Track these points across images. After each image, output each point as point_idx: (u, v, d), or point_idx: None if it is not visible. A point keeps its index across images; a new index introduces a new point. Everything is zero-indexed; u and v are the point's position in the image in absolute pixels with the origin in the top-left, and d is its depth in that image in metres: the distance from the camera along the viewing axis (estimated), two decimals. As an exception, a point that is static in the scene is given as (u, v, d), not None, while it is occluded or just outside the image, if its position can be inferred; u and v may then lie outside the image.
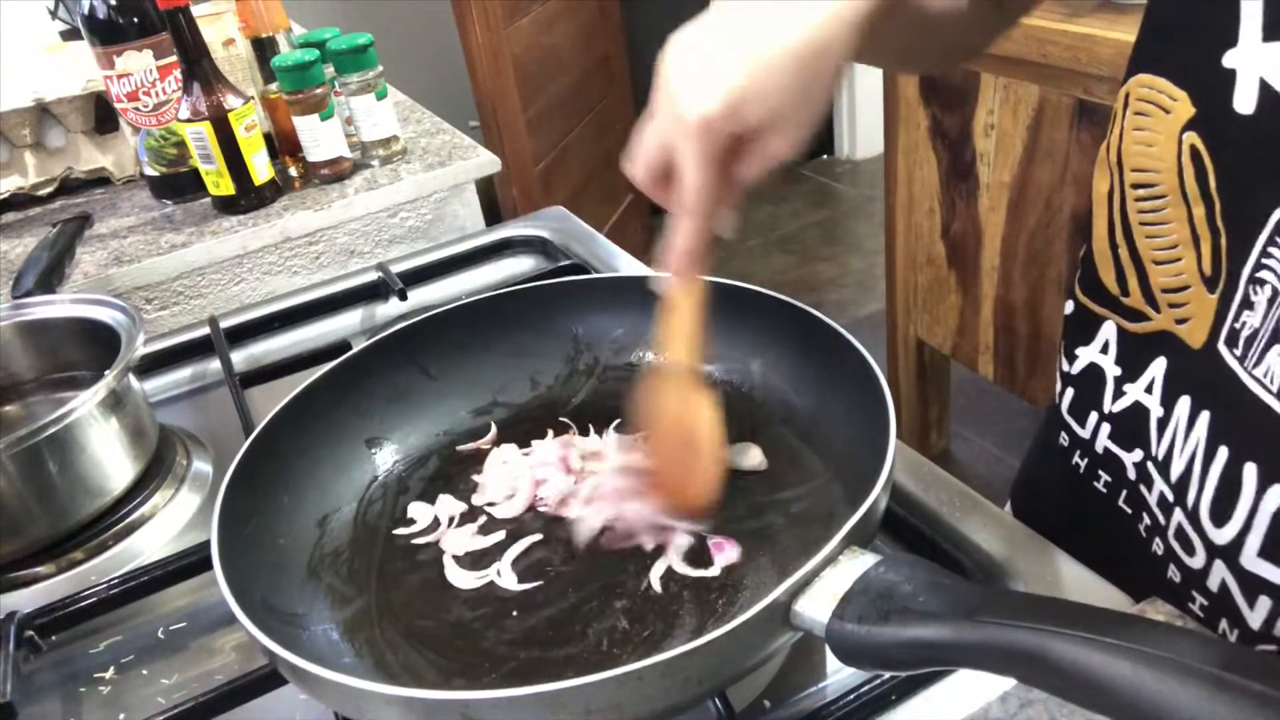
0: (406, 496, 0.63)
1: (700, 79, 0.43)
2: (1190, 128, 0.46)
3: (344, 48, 1.10)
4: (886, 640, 0.37)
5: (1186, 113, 0.46)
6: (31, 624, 0.60)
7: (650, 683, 0.39)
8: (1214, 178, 0.45)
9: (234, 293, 1.12)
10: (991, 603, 0.36)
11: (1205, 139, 0.45)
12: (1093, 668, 0.31)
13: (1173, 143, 0.47)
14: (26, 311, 0.81)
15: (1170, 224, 0.49)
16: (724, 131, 0.43)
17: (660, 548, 0.55)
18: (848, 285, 2.85)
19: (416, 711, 0.41)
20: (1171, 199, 0.48)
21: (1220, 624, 0.50)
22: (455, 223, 1.21)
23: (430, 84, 2.22)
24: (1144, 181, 0.50)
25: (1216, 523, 0.48)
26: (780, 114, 0.43)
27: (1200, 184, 0.46)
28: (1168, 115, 0.47)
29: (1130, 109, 0.50)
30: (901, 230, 1.89)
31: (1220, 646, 0.30)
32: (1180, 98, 0.46)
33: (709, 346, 0.53)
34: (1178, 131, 0.47)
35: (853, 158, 3.58)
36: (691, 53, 0.44)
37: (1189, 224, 0.47)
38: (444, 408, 0.68)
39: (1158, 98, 0.48)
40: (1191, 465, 0.49)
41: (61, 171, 1.26)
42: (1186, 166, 0.47)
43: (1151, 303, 0.51)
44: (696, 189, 0.45)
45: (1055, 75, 1.41)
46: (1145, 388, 0.53)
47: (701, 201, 0.45)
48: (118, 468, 0.71)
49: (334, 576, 0.57)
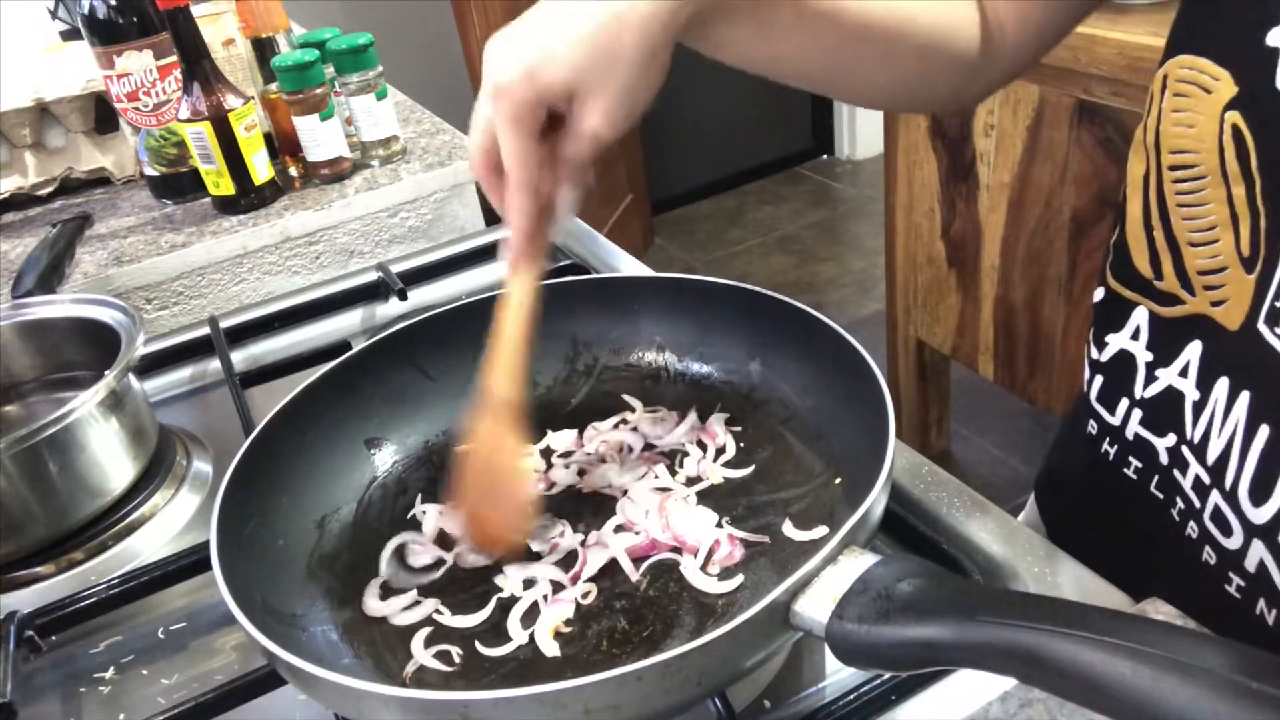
0: (405, 497, 0.63)
1: (503, 53, 0.45)
2: (1232, 107, 0.46)
3: (344, 48, 1.10)
4: (886, 640, 0.37)
5: (1229, 92, 0.46)
6: (31, 624, 0.60)
7: (649, 683, 0.39)
8: (1255, 156, 0.46)
9: (234, 293, 1.12)
10: (991, 602, 0.36)
11: (1247, 118, 0.46)
12: (1092, 667, 0.31)
13: (1214, 122, 0.47)
14: (26, 311, 0.81)
15: (1209, 205, 0.49)
16: (527, 97, 0.44)
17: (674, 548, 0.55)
18: (848, 285, 2.85)
19: (415, 712, 0.41)
20: (1211, 179, 0.48)
21: (1259, 604, 0.50)
22: (455, 223, 1.21)
23: (430, 84, 2.22)
24: (1183, 163, 0.50)
25: (1256, 502, 0.48)
26: (581, 79, 0.44)
27: (1241, 163, 0.46)
28: (1209, 95, 0.47)
29: (1169, 90, 0.50)
30: (901, 230, 1.89)
31: (1219, 646, 0.30)
32: (1223, 77, 0.47)
33: (688, 345, 0.52)
34: (1219, 111, 0.47)
35: (853, 158, 3.58)
36: (502, 37, 0.46)
37: (1228, 204, 0.48)
38: (443, 408, 0.68)
39: (1199, 78, 0.48)
40: (1230, 446, 0.49)
41: (61, 171, 1.26)
42: (1228, 146, 0.47)
43: (1186, 286, 0.51)
44: (513, 156, 0.46)
45: (1055, 75, 1.41)
46: (1180, 371, 0.53)
47: (522, 169, 0.46)
48: (118, 468, 0.71)
49: (333, 578, 0.57)
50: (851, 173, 3.51)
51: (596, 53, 0.43)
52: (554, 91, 0.44)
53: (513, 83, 0.44)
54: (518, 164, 0.46)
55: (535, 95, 0.44)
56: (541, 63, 0.43)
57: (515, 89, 0.44)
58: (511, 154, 0.46)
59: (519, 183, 0.47)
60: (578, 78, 0.44)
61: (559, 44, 0.43)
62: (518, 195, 0.47)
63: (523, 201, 0.48)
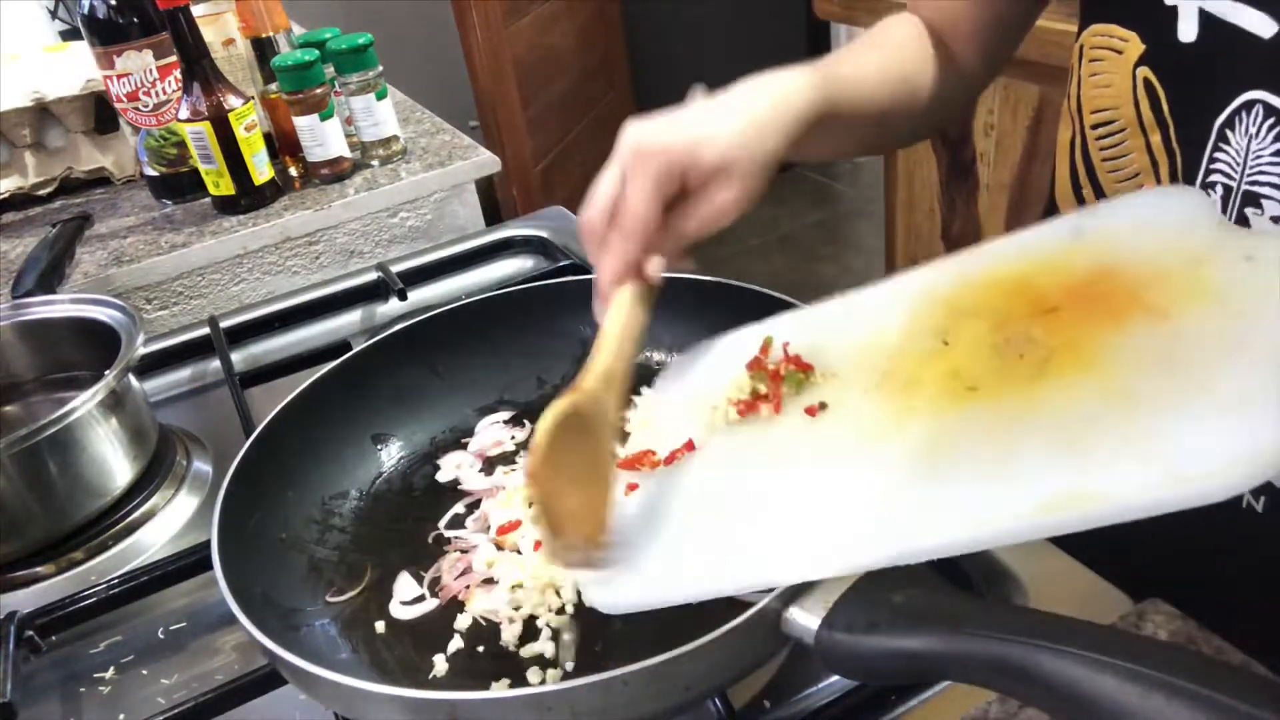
0: (412, 494, 0.63)
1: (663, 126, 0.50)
2: (1142, 63, 0.53)
3: (344, 48, 1.10)
4: (873, 650, 0.37)
5: (1137, 50, 0.53)
6: (31, 624, 0.60)
7: (635, 687, 0.39)
8: (1166, 103, 0.52)
9: (234, 293, 1.12)
10: (979, 615, 0.35)
11: (1156, 70, 0.52)
12: (1078, 683, 0.31)
13: (1127, 79, 0.54)
14: (26, 311, 0.81)
15: (1130, 155, 0.55)
16: (679, 164, 0.48)
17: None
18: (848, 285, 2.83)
19: (406, 710, 0.41)
20: (1130, 131, 0.55)
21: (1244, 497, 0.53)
22: (455, 223, 1.21)
23: (430, 84, 2.22)
24: (1103, 120, 0.56)
25: None
26: (733, 159, 0.49)
27: (1155, 112, 0.53)
28: (1120, 55, 0.54)
29: (1086, 57, 0.57)
30: (901, 230, 1.89)
31: (1206, 663, 0.30)
32: (1131, 38, 0.53)
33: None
34: (1131, 68, 0.54)
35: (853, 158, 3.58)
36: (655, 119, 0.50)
37: (1148, 152, 0.54)
38: (450, 405, 0.68)
39: (1110, 41, 0.55)
40: None
41: (61, 171, 1.26)
42: (1142, 98, 0.54)
43: None
44: (636, 212, 0.49)
45: (1055, 75, 1.41)
46: None
47: (638, 225, 0.49)
48: (118, 468, 0.71)
49: (334, 572, 0.57)
50: (851, 173, 3.51)
51: (744, 147, 0.49)
52: (706, 164, 0.49)
53: (670, 149, 0.48)
54: (637, 218, 0.49)
55: (689, 163, 0.48)
56: (701, 139, 0.49)
57: (673, 154, 0.48)
58: (635, 208, 0.49)
59: (632, 233, 0.49)
60: (728, 160, 0.49)
61: (714, 128, 0.49)
62: (628, 242, 0.49)
63: (628, 250, 0.50)
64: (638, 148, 0.49)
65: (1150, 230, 0.44)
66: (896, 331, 0.50)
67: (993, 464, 0.39)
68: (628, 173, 0.49)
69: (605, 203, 0.51)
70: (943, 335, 0.47)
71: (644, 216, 0.49)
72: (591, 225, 0.51)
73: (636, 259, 0.50)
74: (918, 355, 0.48)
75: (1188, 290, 0.41)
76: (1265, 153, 0.49)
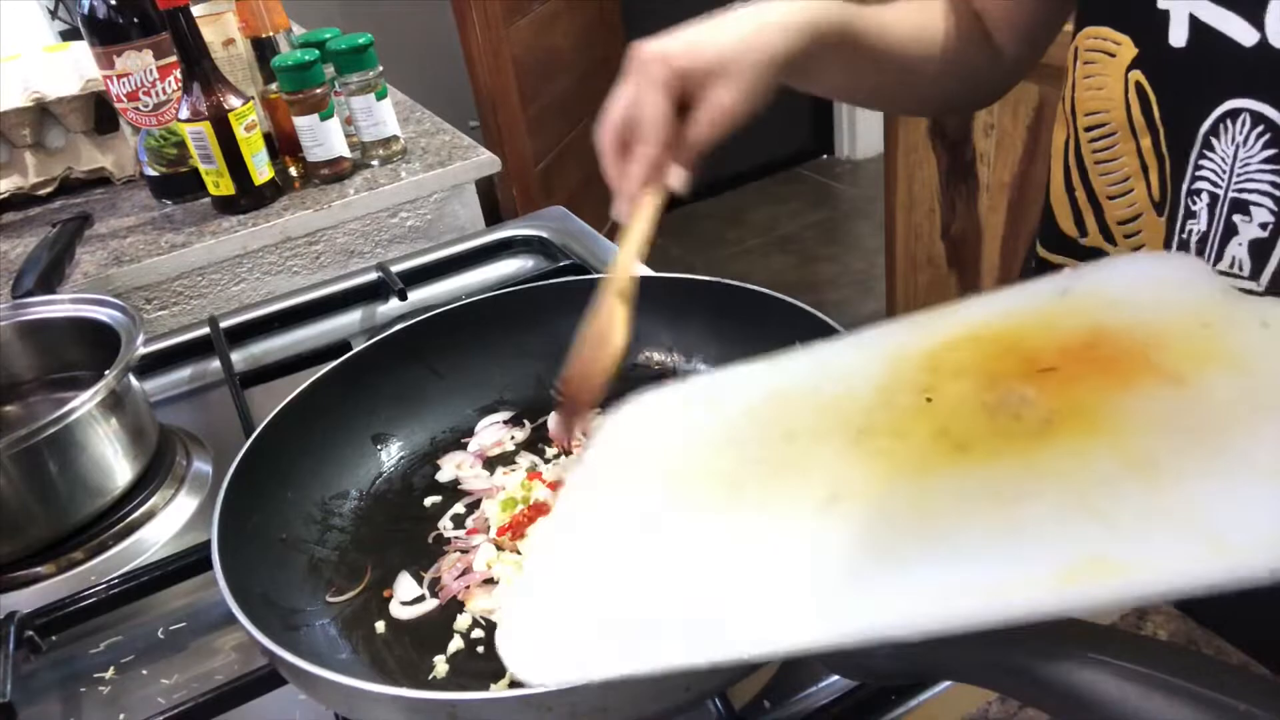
0: (412, 493, 0.63)
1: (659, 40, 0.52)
2: (1134, 67, 0.54)
3: (344, 48, 1.10)
4: (872, 650, 0.37)
5: (1130, 54, 0.54)
6: (31, 624, 0.60)
7: (635, 687, 0.39)
8: (1157, 107, 0.53)
9: (234, 293, 1.12)
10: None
11: (1148, 74, 0.53)
12: (1078, 684, 0.31)
13: (1120, 82, 0.55)
14: (26, 311, 0.81)
15: (1121, 158, 0.56)
16: (680, 65, 0.50)
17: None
18: (848, 285, 2.85)
19: (406, 710, 0.41)
20: (1121, 134, 0.56)
21: None
22: (455, 223, 1.21)
23: (430, 84, 2.22)
24: (1096, 123, 0.57)
25: None
26: (729, 59, 0.50)
27: (1145, 115, 0.54)
28: (1113, 59, 0.55)
29: (1080, 60, 0.57)
30: (901, 230, 1.89)
31: (1208, 665, 0.30)
32: (1123, 41, 0.54)
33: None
34: (1123, 71, 0.54)
35: (853, 158, 3.58)
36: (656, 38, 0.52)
37: (1138, 156, 0.55)
38: (450, 406, 0.68)
39: (1104, 45, 0.55)
40: None
41: (61, 171, 1.26)
42: (1133, 102, 0.54)
43: (1109, 237, 0.58)
44: (649, 116, 0.50)
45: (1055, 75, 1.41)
46: None
47: (653, 128, 0.50)
48: (118, 468, 0.71)
49: (334, 572, 0.57)
50: (851, 173, 3.51)
51: (741, 44, 0.51)
52: (704, 63, 0.50)
53: (669, 53, 0.50)
54: (653, 115, 0.50)
55: (688, 64, 0.50)
56: (698, 42, 0.51)
57: (672, 57, 0.50)
58: (650, 105, 0.50)
59: (651, 134, 0.51)
60: (726, 58, 0.50)
61: (713, 33, 0.51)
62: (647, 145, 0.51)
63: (652, 155, 0.51)
64: (640, 58, 0.51)
65: (1146, 292, 0.42)
66: (873, 388, 0.43)
67: (996, 528, 0.34)
68: (636, 84, 0.51)
69: (619, 115, 0.52)
70: (926, 393, 0.41)
71: (657, 119, 0.50)
72: (609, 138, 0.53)
73: (659, 161, 0.51)
74: (899, 411, 0.41)
75: (1200, 354, 0.38)
76: (1254, 160, 0.49)
